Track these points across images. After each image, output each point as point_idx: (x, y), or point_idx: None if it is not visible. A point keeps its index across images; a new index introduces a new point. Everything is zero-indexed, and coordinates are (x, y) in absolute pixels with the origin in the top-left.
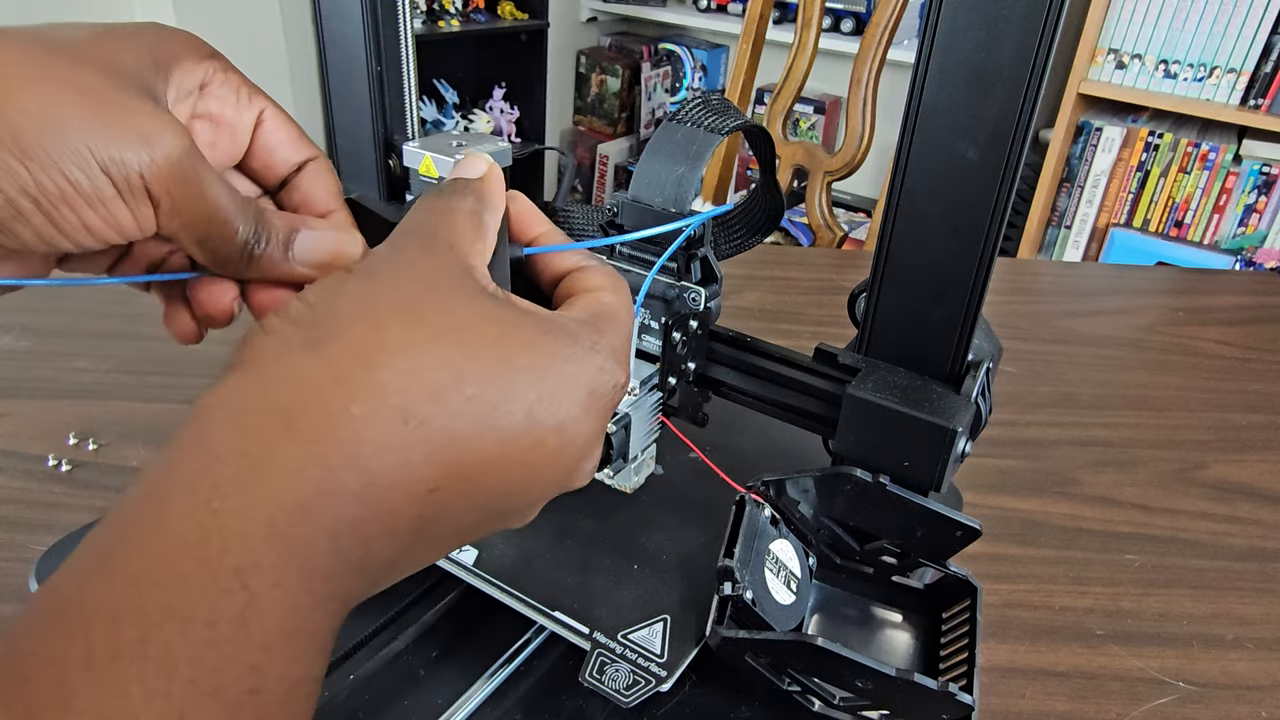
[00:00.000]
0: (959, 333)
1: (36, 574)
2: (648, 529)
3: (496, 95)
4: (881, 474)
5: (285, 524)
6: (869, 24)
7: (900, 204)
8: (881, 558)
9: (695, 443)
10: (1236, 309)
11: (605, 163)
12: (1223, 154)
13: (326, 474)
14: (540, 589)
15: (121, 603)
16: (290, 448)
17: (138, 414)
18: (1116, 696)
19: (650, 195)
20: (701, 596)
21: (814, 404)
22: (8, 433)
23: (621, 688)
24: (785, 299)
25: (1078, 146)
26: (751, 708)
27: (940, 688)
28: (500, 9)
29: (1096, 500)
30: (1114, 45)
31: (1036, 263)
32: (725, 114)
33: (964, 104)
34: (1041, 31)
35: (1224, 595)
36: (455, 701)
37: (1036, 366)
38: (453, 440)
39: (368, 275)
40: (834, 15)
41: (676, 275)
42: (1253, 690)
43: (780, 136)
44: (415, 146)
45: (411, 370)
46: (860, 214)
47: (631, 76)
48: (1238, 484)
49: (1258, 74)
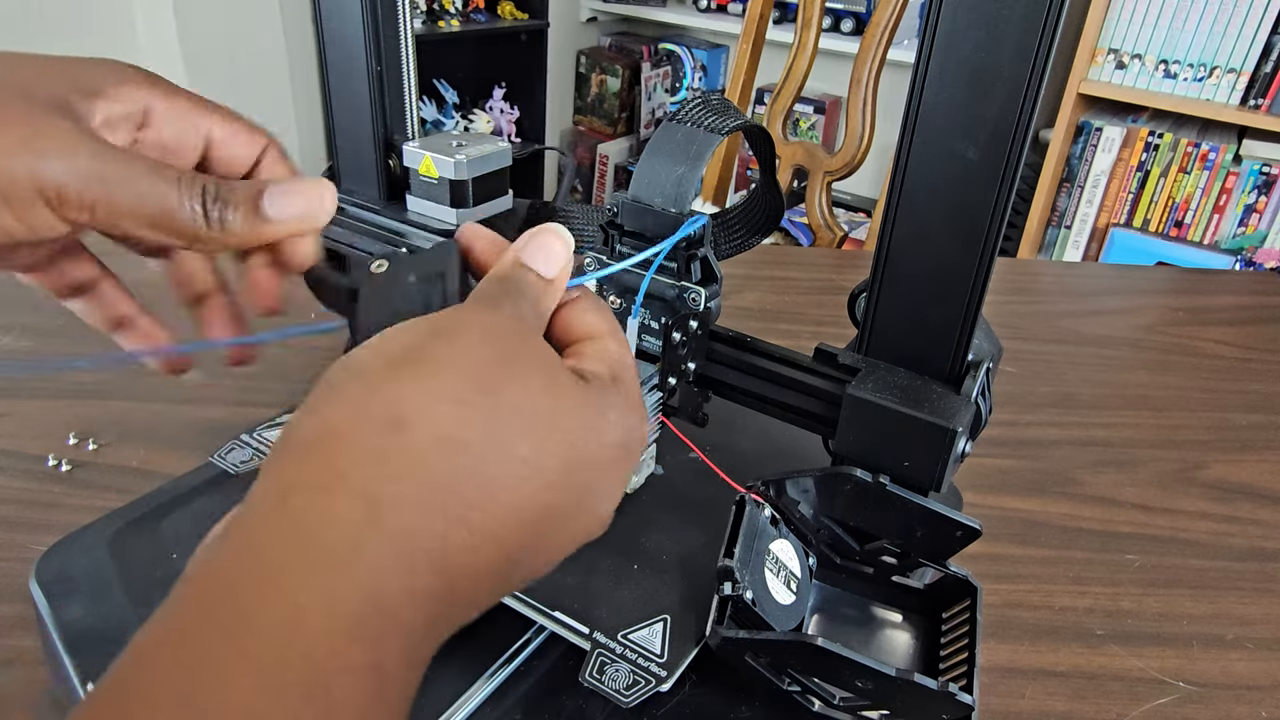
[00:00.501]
0: (959, 333)
1: (36, 574)
2: (648, 529)
3: (496, 95)
4: (881, 474)
5: (362, 626)
6: (869, 24)
7: (900, 204)
8: (881, 558)
9: (695, 443)
10: (1236, 309)
11: (605, 163)
12: (1223, 154)
13: (405, 572)
14: (540, 589)
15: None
16: (360, 551)
17: (138, 414)
18: (1116, 696)
19: (650, 195)
20: (701, 596)
21: (814, 404)
22: (8, 433)
23: (621, 688)
24: (785, 299)
25: (1078, 146)
26: (751, 708)
27: (940, 688)
28: (500, 9)
29: (1096, 500)
30: (1114, 45)
31: (1036, 263)
32: (725, 114)
33: (964, 104)
34: (1041, 31)
35: (1224, 595)
36: (455, 701)
37: (1036, 366)
38: (520, 522)
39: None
40: (834, 15)
41: (676, 275)
42: (1253, 690)
43: (780, 136)
44: (415, 146)
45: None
46: (860, 214)
47: (631, 76)
48: (1238, 484)
49: (1258, 74)
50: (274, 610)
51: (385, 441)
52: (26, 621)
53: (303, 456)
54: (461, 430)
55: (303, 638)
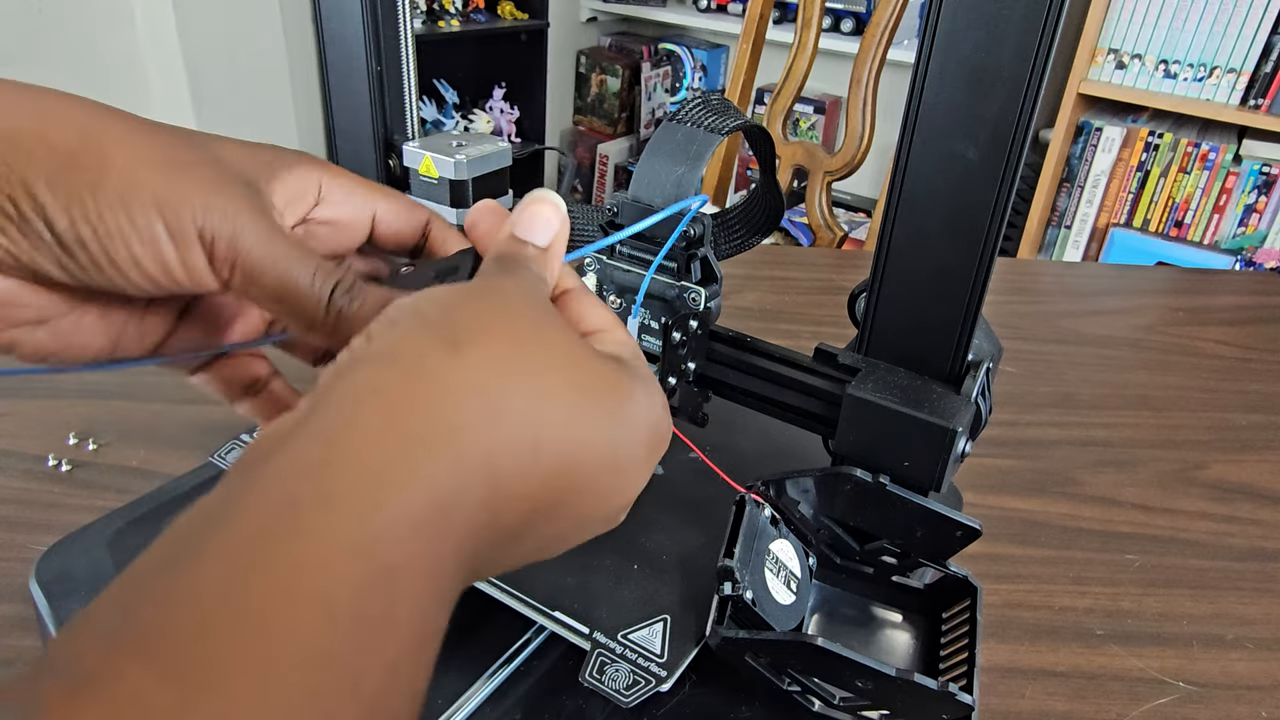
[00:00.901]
0: (959, 333)
1: (36, 574)
2: (648, 529)
3: (496, 95)
4: (881, 474)
5: (427, 523)
6: (869, 24)
7: (900, 204)
8: (881, 558)
9: (695, 443)
10: (1236, 309)
11: (605, 163)
12: (1223, 154)
13: (459, 473)
14: (540, 589)
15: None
16: (428, 445)
17: (138, 414)
18: (1116, 696)
19: (650, 195)
20: (701, 596)
21: (814, 404)
22: (8, 433)
23: (621, 688)
24: (785, 299)
25: (1078, 146)
26: (751, 708)
27: (940, 688)
28: (500, 9)
29: (1096, 500)
30: (1114, 45)
31: (1036, 263)
32: (725, 114)
33: (964, 104)
34: (1041, 31)
35: (1224, 595)
36: (455, 701)
37: (1036, 366)
38: (560, 461)
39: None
40: (834, 15)
41: (676, 275)
42: (1253, 690)
43: (780, 136)
44: (415, 146)
45: (538, 386)
46: (860, 214)
47: (631, 76)
48: (1238, 484)
49: (1258, 74)
50: (355, 491)
51: (444, 361)
52: (26, 621)
53: (374, 369)
54: (515, 354)
55: (376, 522)
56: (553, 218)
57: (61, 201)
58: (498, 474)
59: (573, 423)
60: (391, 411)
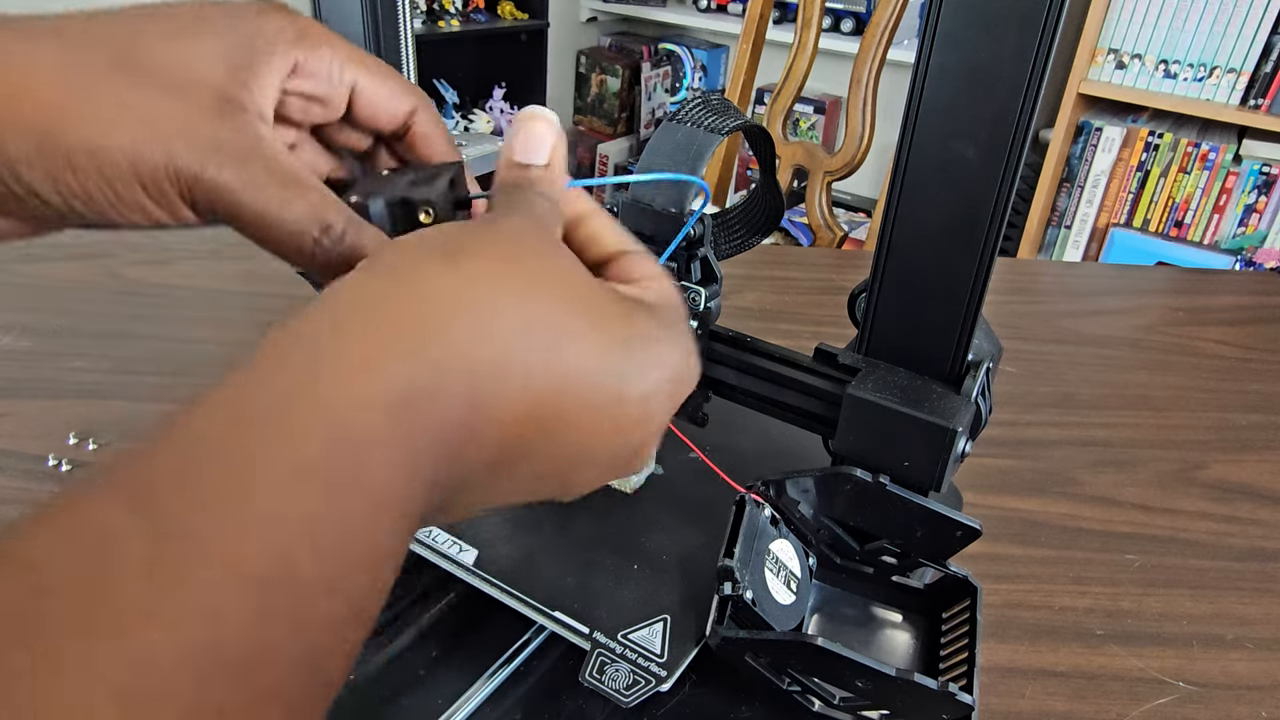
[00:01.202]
0: (959, 333)
1: None
2: (648, 529)
3: (496, 95)
4: (881, 474)
5: (401, 406)
6: (869, 24)
7: (900, 204)
8: (881, 558)
9: (695, 443)
10: (1236, 309)
11: (605, 163)
12: (1223, 154)
13: (438, 374)
14: (540, 589)
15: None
16: (412, 341)
17: (138, 414)
18: (1116, 696)
19: (650, 195)
20: (701, 596)
21: (814, 404)
22: (8, 433)
23: (621, 688)
24: (785, 299)
25: (1078, 146)
26: (751, 708)
27: (940, 688)
28: (500, 9)
29: (1096, 500)
30: (1114, 45)
31: (1036, 263)
32: (725, 114)
33: (964, 104)
34: (1041, 31)
35: (1224, 595)
36: (455, 701)
37: (1036, 366)
38: (550, 387)
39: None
40: (834, 15)
41: (676, 275)
42: (1253, 690)
43: (780, 136)
44: None
45: (532, 309)
46: (860, 214)
47: (631, 76)
48: (1238, 484)
49: (1258, 74)
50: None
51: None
52: None
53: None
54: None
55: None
56: (546, 133)
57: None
58: (479, 392)
59: (567, 350)
60: (378, 313)
